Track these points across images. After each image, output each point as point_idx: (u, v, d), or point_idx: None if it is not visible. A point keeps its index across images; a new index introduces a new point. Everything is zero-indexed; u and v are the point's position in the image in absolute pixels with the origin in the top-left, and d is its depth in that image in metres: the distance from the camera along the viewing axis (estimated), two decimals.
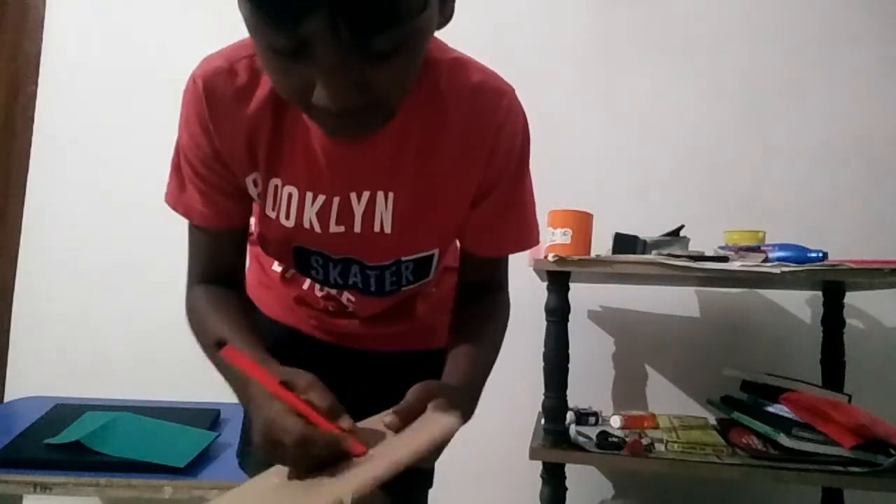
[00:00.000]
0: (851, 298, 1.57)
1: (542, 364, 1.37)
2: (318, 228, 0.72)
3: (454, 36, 0.75)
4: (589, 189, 1.74)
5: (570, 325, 1.39)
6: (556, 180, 1.78)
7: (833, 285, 1.50)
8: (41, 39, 1.94)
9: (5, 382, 1.86)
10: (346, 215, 0.71)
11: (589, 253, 1.40)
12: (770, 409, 1.35)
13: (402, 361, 0.88)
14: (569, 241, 1.38)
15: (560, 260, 1.33)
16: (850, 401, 1.37)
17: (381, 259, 0.76)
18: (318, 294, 0.85)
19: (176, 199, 0.74)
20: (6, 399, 1.80)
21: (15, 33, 1.94)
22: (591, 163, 1.79)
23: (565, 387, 1.37)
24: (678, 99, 1.79)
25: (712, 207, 1.73)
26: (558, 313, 1.38)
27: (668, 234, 1.48)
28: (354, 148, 0.66)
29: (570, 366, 1.39)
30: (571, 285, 1.39)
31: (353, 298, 0.83)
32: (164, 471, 1.12)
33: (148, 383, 1.73)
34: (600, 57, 1.83)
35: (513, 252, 0.80)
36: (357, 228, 0.71)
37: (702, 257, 1.31)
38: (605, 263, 1.34)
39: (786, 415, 1.30)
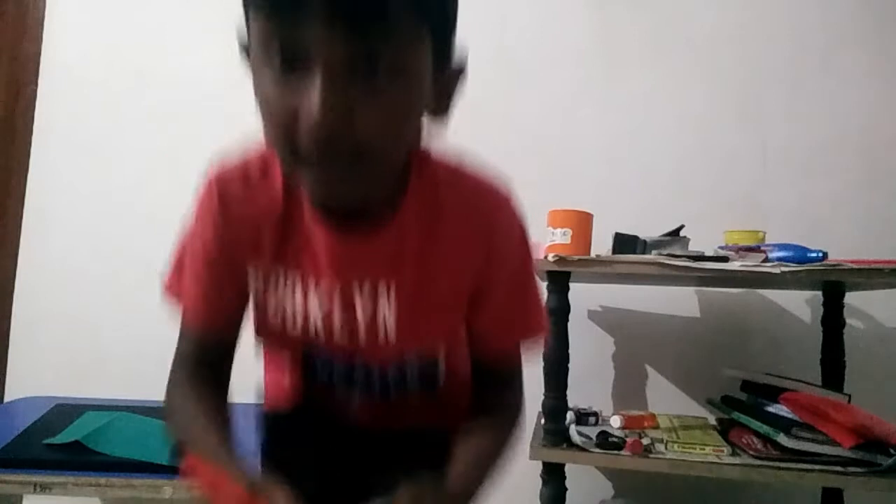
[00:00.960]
0: (851, 298, 1.57)
1: (542, 364, 1.37)
2: (320, 326, 0.70)
3: (456, 31, 0.75)
4: (589, 189, 1.74)
5: (570, 325, 1.39)
6: (556, 180, 1.78)
7: (833, 285, 1.50)
8: (41, 39, 1.95)
9: (5, 382, 1.86)
10: (348, 312, 0.70)
11: (589, 253, 1.40)
12: (770, 409, 1.35)
13: (405, 439, 0.83)
14: (569, 241, 1.38)
15: (560, 260, 1.33)
16: (850, 401, 1.37)
17: (384, 361, 0.73)
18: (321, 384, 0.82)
19: (173, 290, 0.76)
20: (6, 399, 1.80)
21: (15, 33, 1.94)
22: (591, 163, 1.79)
23: (565, 387, 1.37)
24: (678, 99, 1.79)
25: (712, 207, 1.72)
26: (558, 313, 1.38)
27: (668, 234, 1.48)
28: (356, 245, 0.66)
29: (570, 366, 1.39)
30: (571, 285, 1.39)
31: (357, 401, 0.80)
32: (164, 471, 1.12)
33: (148, 383, 1.72)
34: (600, 57, 1.83)
35: (517, 345, 0.77)
36: (359, 327, 0.70)
37: (702, 257, 1.31)
38: (605, 263, 1.34)
39: (786, 415, 1.30)
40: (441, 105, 0.62)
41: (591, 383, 1.65)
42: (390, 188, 0.66)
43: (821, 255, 1.28)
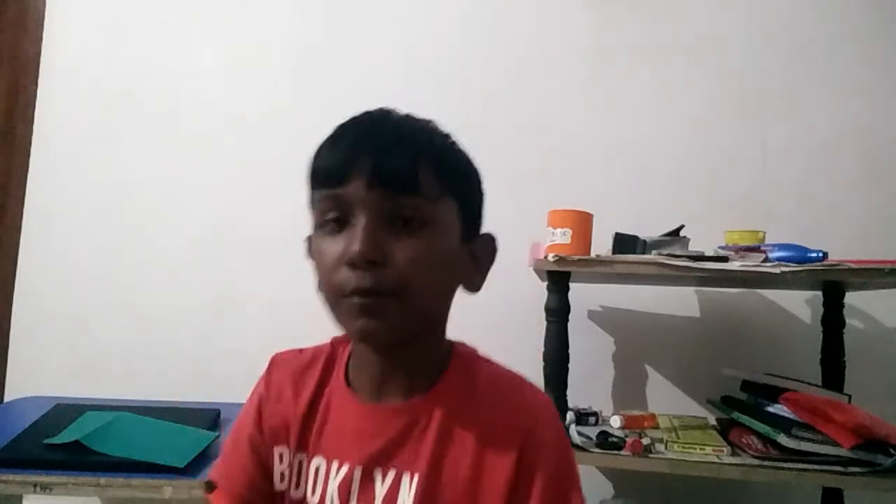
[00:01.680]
0: (851, 298, 1.57)
1: (542, 364, 1.37)
2: None
3: (456, 31, 0.75)
4: (589, 189, 1.74)
5: (570, 325, 1.39)
6: (556, 180, 1.78)
7: (833, 285, 1.50)
8: (41, 39, 1.94)
9: (5, 382, 1.86)
10: (366, 497, 0.68)
11: (589, 253, 1.39)
12: (770, 409, 1.35)
13: None
14: (569, 241, 1.38)
15: (560, 260, 1.33)
16: (850, 401, 1.38)
17: None
18: None
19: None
20: (6, 399, 1.80)
21: (15, 33, 1.94)
22: (591, 162, 1.79)
23: (565, 387, 1.38)
24: (678, 99, 1.79)
25: (712, 207, 1.73)
26: (558, 313, 1.38)
27: (668, 234, 1.48)
28: (385, 417, 0.69)
29: (570, 366, 1.39)
30: (571, 285, 1.39)
31: None
32: (164, 471, 1.12)
33: (148, 383, 1.73)
34: (600, 56, 1.83)
35: None
36: None
37: (702, 257, 1.31)
38: (605, 263, 1.34)
39: (786, 415, 1.30)
40: (478, 267, 0.71)
41: (591, 383, 1.65)
42: (427, 364, 0.70)
43: (821, 255, 1.28)
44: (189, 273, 1.85)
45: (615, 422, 1.43)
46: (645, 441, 1.31)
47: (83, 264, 1.87)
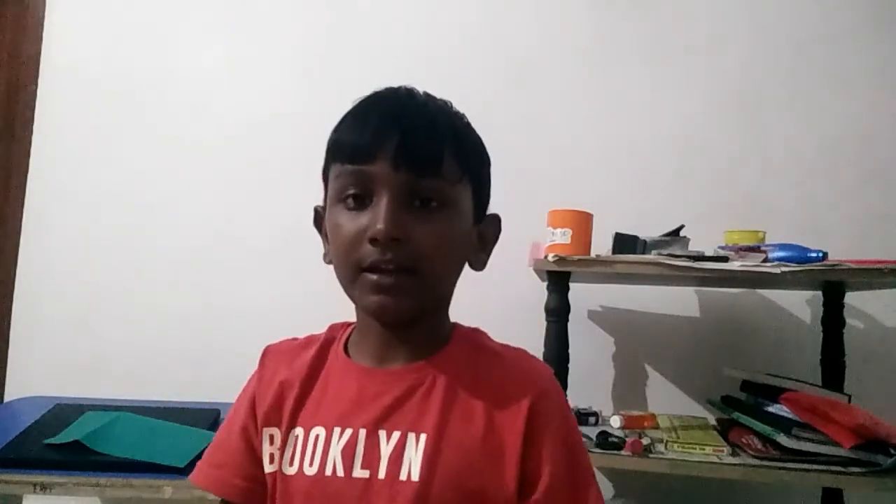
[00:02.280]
0: (851, 298, 1.57)
1: None
2: (340, 471, 0.67)
3: (456, 31, 0.75)
4: (589, 189, 1.74)
5: (570, 325, 1.39)
6: (556, 180, 1.79)
7: (833, 285, 1.50)
8: (41, 39, 1.95)
9: (5, 382, 1.86)
10: (371, 456, 0.67)
11: (589, 253, 1.40)
12: (770, 409, 1.35)
13: None
14: (569, 241, 1.38)
15: (560, 260, 1.33)
16: (850, 401, 1.38)
17: None
18: None
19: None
20: (6, 399, 1.80)
21: (15, 33, 1.94)
22: (591, 163, 1.79)
23: (565, 387, 1.37)
24: (678, 99, 1.79)
25: (712, 207, 1.72)
26: (558, 313, 1.38)
27: (668, 234, 1.48)
28: (388, 379, 0.69)
29: (570, 366, 1.39)
30: (571, 285, 1.39)
31: None
32: (164, 471, 1.12)
33: (148, 383, 1.73)
34: (600, 56, 1.83)
35: None
36: (381, 474, 0.66)
37: (702, 257, 1.31)
38: (605, 263, 1.34)
39: (786, 415, 1.30)
40: (483, 246, 0.74)
41: (591, 383, 1.65)
42: (431, 336, 0.71)
43: (821, 255, 1.28)
44: (189, 273, 1.85)
45: (615, 422, 1.43)
46: (645, 441, 1.31)
47: (83, 265, 1.87)
